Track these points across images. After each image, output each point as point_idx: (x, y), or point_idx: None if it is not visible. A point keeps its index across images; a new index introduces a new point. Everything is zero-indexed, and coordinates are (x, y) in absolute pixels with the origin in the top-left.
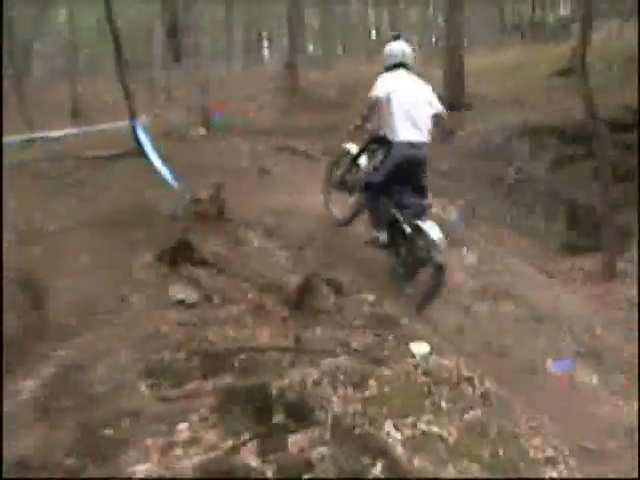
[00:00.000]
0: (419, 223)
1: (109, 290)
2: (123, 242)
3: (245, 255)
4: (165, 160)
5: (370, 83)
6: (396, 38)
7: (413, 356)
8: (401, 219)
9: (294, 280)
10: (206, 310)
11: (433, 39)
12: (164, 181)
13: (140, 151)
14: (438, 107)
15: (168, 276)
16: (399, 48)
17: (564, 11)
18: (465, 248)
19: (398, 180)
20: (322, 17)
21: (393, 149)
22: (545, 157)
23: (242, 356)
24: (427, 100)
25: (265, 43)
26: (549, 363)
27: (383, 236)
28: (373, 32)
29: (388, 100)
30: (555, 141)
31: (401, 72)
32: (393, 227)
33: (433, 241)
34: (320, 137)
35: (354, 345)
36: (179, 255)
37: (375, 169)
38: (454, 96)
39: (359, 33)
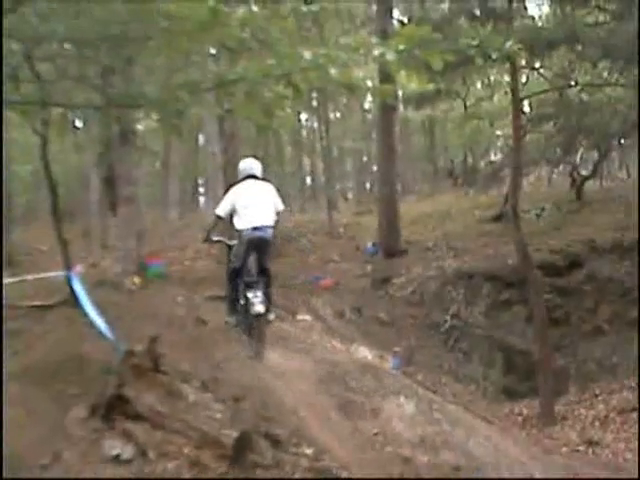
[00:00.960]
0: (247, 293)
1: (41, 445)
2: (56, 395)
3: (181, 409)
4: (100, 311)
5: (305, 233)
6: (247, 157)
7: None
8: (241, 295)
9: (231, 434)
10: (142, 466)
11: (368, 185)
12: (99, 332)
13: (75, 301)
14: (278, 206)
15: (102, 431)
16: (248, 164)
17: (494, 157)
18: (402, 397)
19: (249, 265)
20: None
21: (242, 234)
22: (480, 302)
23: None
24: (268, 199)
25: (201, 190)
26: None
27: (231, 319)
28: (308, 179)
29: (232, 209)
30: (490, 286)
31: (249, 181)
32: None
33: (250, 299)
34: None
35: None
36: (114, 409)
37: (235, 257)
38: (389, 243)
39: (294, 180)
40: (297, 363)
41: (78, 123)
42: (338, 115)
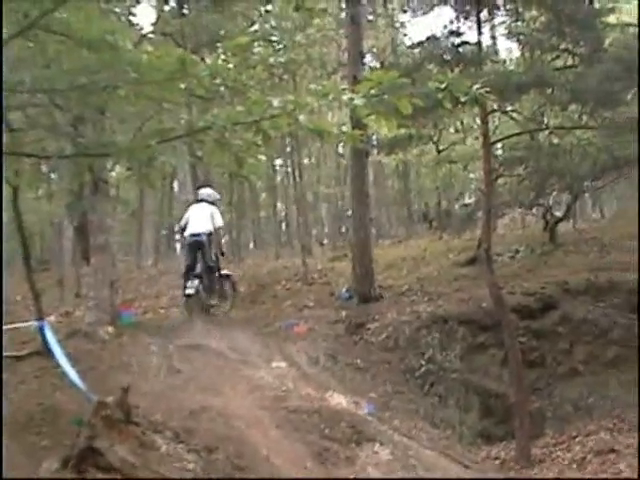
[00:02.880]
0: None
1: None
2: (28, 447)
3: (154, 460)
4: (72, 361)
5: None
6: (200, 187)
7: None
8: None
9: None
10: None
11: (343, 230)
12: (71, 383)
13: (48, 352)
14: (217, 222)
15: None
16: (201, 192)
17: (469, 199)
18: (377, 444)
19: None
20: (232, 212)
21: (185, 240)
22: (456, 346)
23: None
24: (206, 215)
25: (177, 236)
26: None
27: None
28: (283, 225)
29: (186, 222)
30: (465, 330)
31: (201, 203)
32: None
33: (186, 285)
34: (231, 334)
35: None
36: (86, 461)
37: (184, 256)
38: (364, 288)
39: (269, 226)
40: (271, 412)
41: (50, 173)
42: (313, 160)
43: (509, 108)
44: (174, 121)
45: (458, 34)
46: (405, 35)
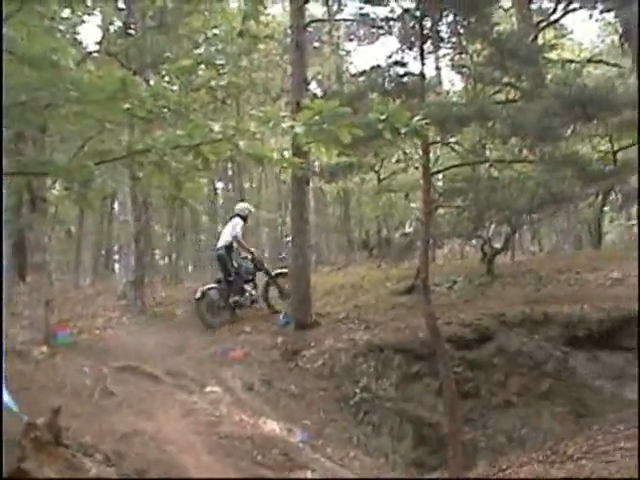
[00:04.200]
0: None
1: None
2: None
3: None
4: (5, 381)
5: None
6: (239, 201)
7: None
8: None
9: None
10: None
11: (283, 255)
12: (3, 404)
13: None
14: (233, 232)
15: None
16: (237, 207)
17: (409, 228)
18: (309, 471)
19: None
20: (173, 233)
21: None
22: (391, 375)
23: None
24: (228, 229)
25: (116, 257)
26: None
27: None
28: None
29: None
30: (400, 359)
31: (235, 218)
32: None
33: None
34: (167, 357)
35: None
36: None
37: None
38: (301, 315)
39: (209, 249)
40: (204, 437)
41: None
42: (254, 185)
43: (450, 140)
44: (115, 142)
45: (402, 64)
46: (351, 63)
